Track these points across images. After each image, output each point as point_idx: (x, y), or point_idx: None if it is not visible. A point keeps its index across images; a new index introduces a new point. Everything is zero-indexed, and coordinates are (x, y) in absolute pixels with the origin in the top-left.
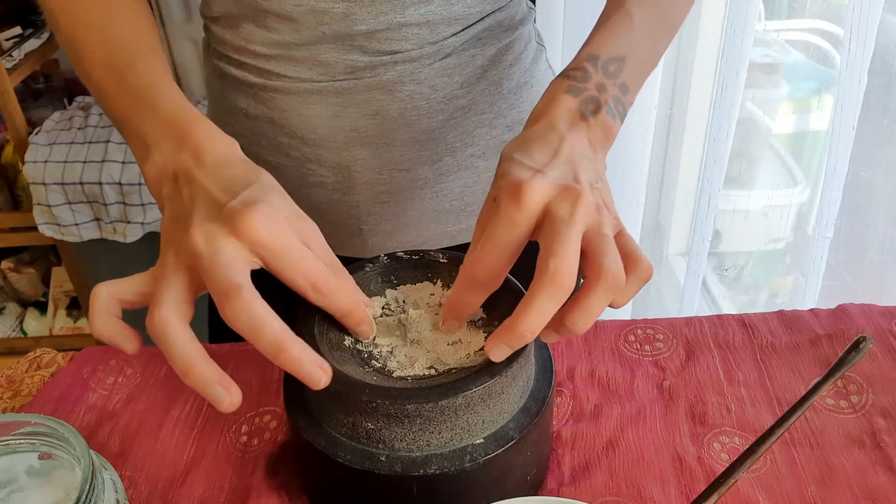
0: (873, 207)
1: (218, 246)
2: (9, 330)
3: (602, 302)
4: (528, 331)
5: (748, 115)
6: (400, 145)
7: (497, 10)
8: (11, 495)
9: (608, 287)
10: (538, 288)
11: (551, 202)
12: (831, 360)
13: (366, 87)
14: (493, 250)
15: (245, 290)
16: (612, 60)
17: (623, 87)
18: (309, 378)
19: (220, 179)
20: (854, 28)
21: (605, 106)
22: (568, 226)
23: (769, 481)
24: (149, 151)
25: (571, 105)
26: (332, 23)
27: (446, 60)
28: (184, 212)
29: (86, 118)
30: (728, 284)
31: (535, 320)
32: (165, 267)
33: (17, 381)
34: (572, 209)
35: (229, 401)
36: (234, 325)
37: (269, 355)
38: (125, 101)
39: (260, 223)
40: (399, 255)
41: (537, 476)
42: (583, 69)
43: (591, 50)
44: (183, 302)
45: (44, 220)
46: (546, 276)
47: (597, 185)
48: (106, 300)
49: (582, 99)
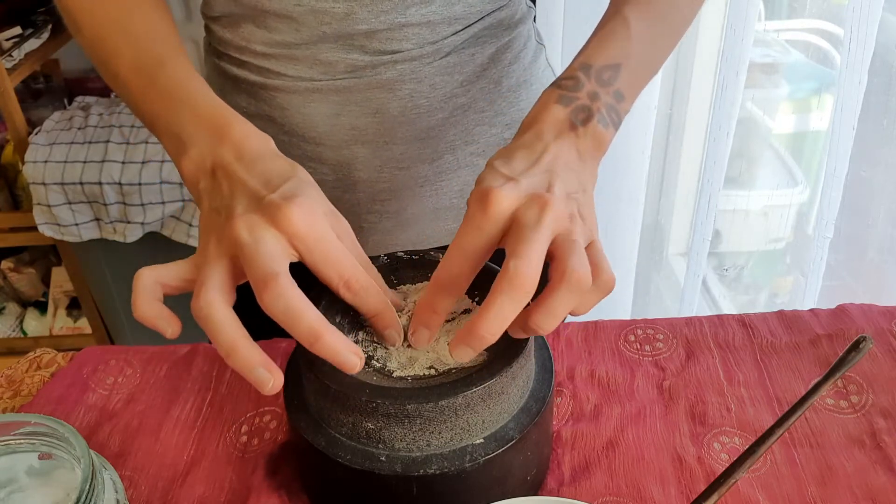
0: (873, 207)
1: (259, 236)
2: (9, 330)
3: (566, 303)
4: (489, 333)
5: (748, 115)
6: (400, 143)
7: (497, 10)
8: (11, 495)
9: (572, 288)
10: (498, 289)
11: (519, 209)
12: (831, 360)
13: (366, 86)
14: (458, 255)
15: (283, 279)
16: (606, 68)
17: (618, 95)
18: (345, 364)
19: (258, 173)
20: (854, 28)
21: (597, 114)
22: (533, 230)
23: (769, 481)
24: (185, 147)
25: (561, 115)
26: (332, 22)
27: (446, 59)
28: (224, 203)
29: (86, 118)
30: (728, 284)
31: (495, 322)
32: (208, 254)
33: (17, 381)
34: (539, 216)
35: (273, 384)
36: (272, 313)
37: (305, 343)
38: (157, 100)
39: (299, 216)
40: (399, 255)
41: (537, 476)
42: (574, 78)
43: (584, 59)
44: (226, 286)
45: (44, 220)
46: (506, 278)
47: (575, 196)
48: (150, 284)
49: (572, 108)
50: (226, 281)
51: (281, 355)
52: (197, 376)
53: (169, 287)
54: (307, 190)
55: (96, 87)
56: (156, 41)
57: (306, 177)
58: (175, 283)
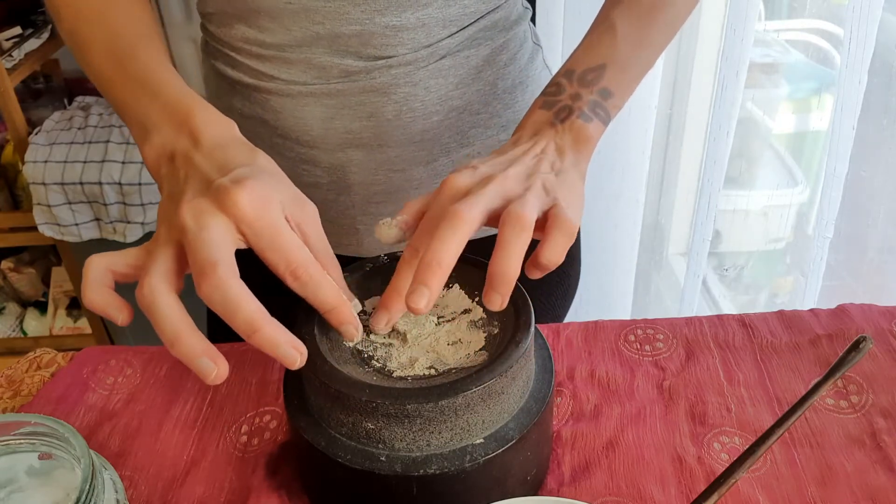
0: (873, 207)
1: (204, 222)
2: (9, 330)
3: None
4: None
5: (748, 115)
6: (395, 146)
7: (492, 11)
8: (11, 495)
9: (514, 225)
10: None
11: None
12: (831, 360)
13: (360, 90)
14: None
15: (221, 268)
16: (590, 70)
17: (604, 92)
18: (284, 358)
19: (215, 159)
20: (854, 28)
21: (578, 112)
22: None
23: (769, 481)
24: (148, 134)
25: (542, 117)
26: (325, 22)
27: (441, 62)
28: (178, 189)
29: (86, 118)
30: (728, 284)
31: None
32: (157, 241)
33: (17, 381)
34: (484, 187)
35: (216, 373)
36: (209, 303)
37: (243, 335)
38: (126, 87)
39: (246, 200)
40: (399, 255)
41: (537, 476)
42: (557, 84)
43: (568, 66)
44: (172, 273)
45: (44, 220)
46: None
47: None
48: (99, 271)
49: (555, 110)
50: (171, 268)
51: None
52: (197, 376)
53: (118, 274)
54: (260, 174)
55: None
56: (130, 30)
57: (266, 161)
58: (124, 269)
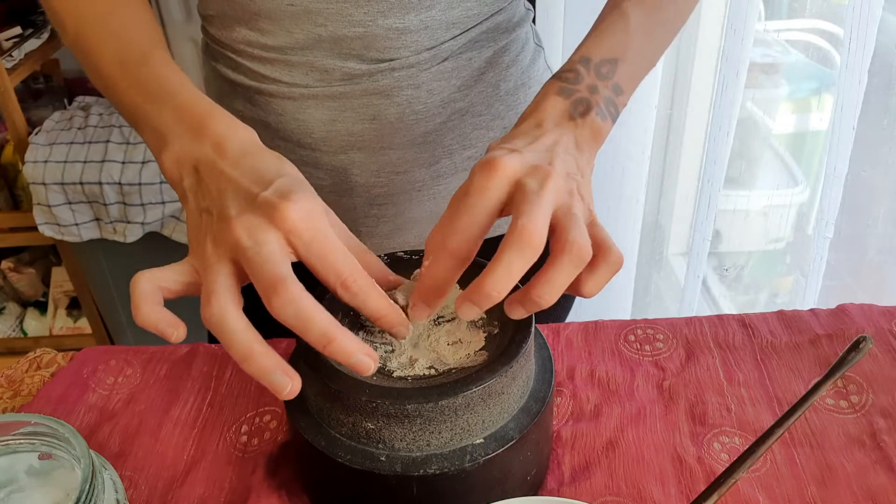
0: (873, 207)
1: (260, 239)
2: (9, 330)
3: (567, 274)
4: (495, 290)
5: (748, 115)
6: (397, 149)
7: (495, 13)
8: (11, 495)
9: (573, 259)
10: (507, 246)
11: (522, 177)
12: (831, 360)
13: (363, 93)
14: (465, 217)
15: (290, 284)
16: (605, 62)
17: (616, 89)
18: (358, 366)
19: (247, 170)
20: (854, 28)
21: (595, 107)
22: (538, 195)
23: (769, 481)
24: (165, 142)
25: (560, 106)
26: (327, 24)
27: (444, 64)
28: (215, 203)
29: (86, 118)
30: (728, 284)
31: (503, 278)
32: (206, 258)
33: (17, 381)
34: (542, 183)
35: (291, 388)
36: (282, 318)
37: (317, 346)
38: (138, 94)
39: (296, 214)
40: (399, 255)
41: (537, 476)
42: (575, 71)
43: (583, 52)
44: (234, 291)
45: (44, 220)
46: (515, 234)
47: (574, 176)
48: (149, 288)
49: (572, 100)
50: (233, 285)
51: (281, 355)
52: (197, 376)
53: (169, 291)
54: (299, 186)
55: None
56: (138, 36)
57: (296, 172)
58: (175, 286)
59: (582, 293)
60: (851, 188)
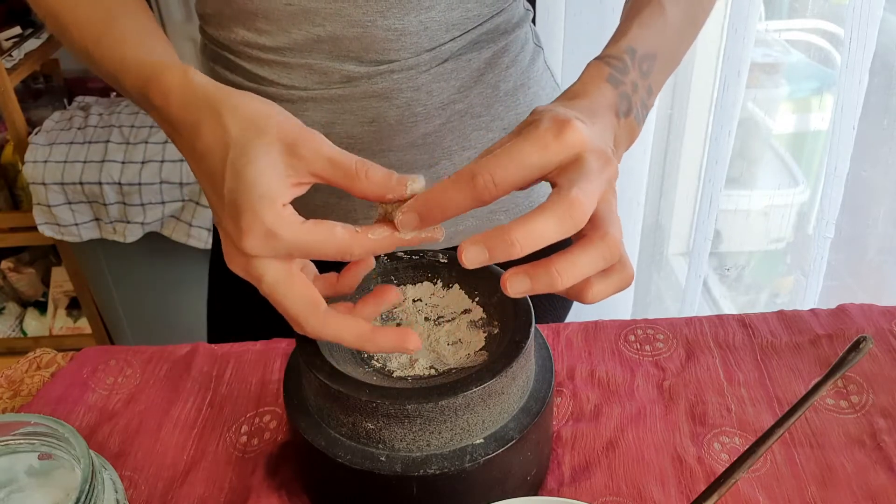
0: (874, 207)
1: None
2: (9, 330)
3: (593, 264)
4: (520, 242)
5: (749, 115)
6: (396, 150)
7: (495, 15)
8: (11, 495)
9: (606, 251)
10: (549, 209)
11: (586, 152)
12: (831, 360)
13: (362, 95)
14: (510, 160)
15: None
16: (646, 58)
17: (649, 90)
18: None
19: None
20: (854, 28)
21: (635, 109)
22: (596, 175)
23: (769, 481)
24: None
25: (610, 97)
26: (325, 24)
27: (443, 66)
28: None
29: (86, 118)
30: (729, 284)
31: (533, 236)
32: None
33: (17, 381)
34: (603, 167)
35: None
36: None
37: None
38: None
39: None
40: (399, 255)
41: (537, 476)
42: (622, 60)
43: (630, 41)
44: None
45: (44, 220)
46: (563, 202)
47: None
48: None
49: (620, 92)
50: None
51: (281, 355)
52: (197, 376)
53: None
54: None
55: (96, 87)
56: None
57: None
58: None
59: (585, 298)
60: (852, 188)
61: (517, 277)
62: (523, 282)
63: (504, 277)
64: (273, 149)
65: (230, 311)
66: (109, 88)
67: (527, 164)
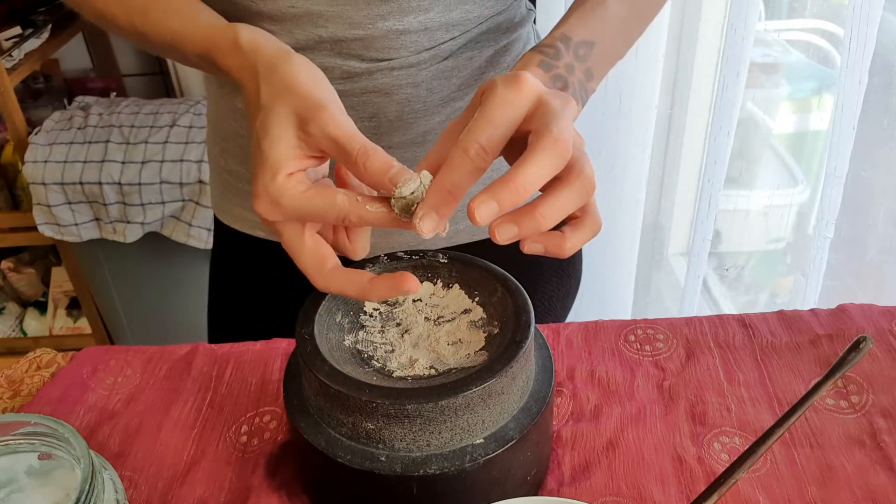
0: (874, 207)
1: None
2: (9, 330)
3: (572, 202)
4: (525, 184)
5: (748, 115)
6: (396, 147)
7: (496, 14)
8: (11, 495)
9: (582, 188)
10: (539, 149)
11: (546, 95)
12: (831, 360)
13: (362, 90)
14: (488, 125)
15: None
16: (583, 44)
17: (588, 73)
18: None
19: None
20: (854, 28)
21: (571, 87)
22: (563, 114)
23: (769, 481)
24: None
25: (541, 79)
26: (328, 26)
27: (443, 63)
28: None
29: (85, 118)
30: (728, 284)
31: (536, 176)
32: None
33: (17, 381)
34: (564, 104)
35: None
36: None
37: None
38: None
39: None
40: (399, 254)
41: (537, 476)
42: (555, 47)
43: (564, 30)
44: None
45: (44, 220)
46: (549, 140)
47: None
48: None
49: (552, 75)
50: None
51: (281, 355)
52: (197, 376)
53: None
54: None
55: (96, 87)
56: None
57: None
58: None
59: (563, 251)
60: (851, 188)
61: (504, 226)
62: (510, 229)
63: (492, 227)
64: (287, 120)
65: (230, 311)
66: (109, 88)
67: (501, 123)
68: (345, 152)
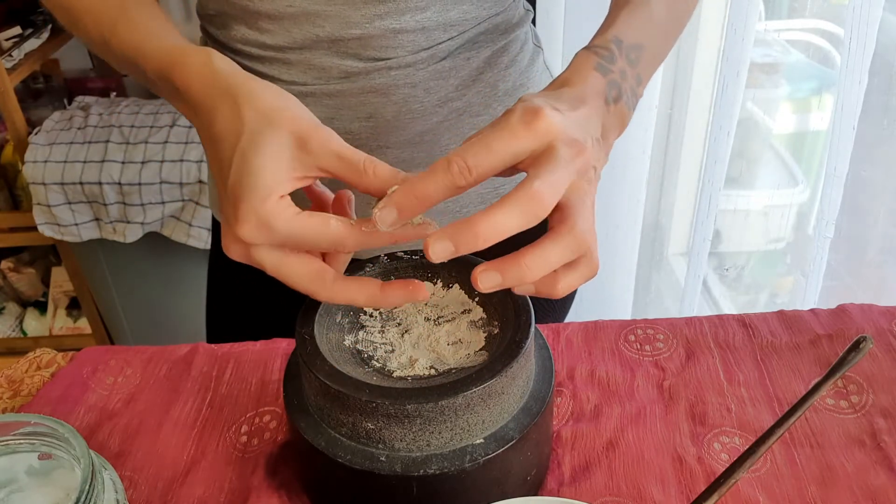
0: (874, 207)
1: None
2: (9, 330)
3: (561, 256)
4: (483, 234)
5: (748, 115)
6: (394, 147)
7: (494, 15)
8: (11, 495)
9: (572, 242)
10: (512, 201)
11: (557, 142)
12: (831, 360)
13: (360, 90)
14: (485, 151)
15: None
16: (633, 48)
17: (638, 79)
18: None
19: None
20: (854, 28)
21: (625, 95)
22: (564, 166)
23: (769, 481)
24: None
25: (599, 85)
26: (325, 25)
27: (441, 63)
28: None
29: (86, 118)
30: (728, 284)
31: (496, 228)
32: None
33: (17, 381)
34: (573, 157)
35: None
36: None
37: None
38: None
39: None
40: (399, 255)
41: (537, 476)
42: (609, 49)
43: (616, 31)
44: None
45: (44, 220)
46: (526, 193)
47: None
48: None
49: (608, 80)
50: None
51: (281, 355)
52: (197, 376)
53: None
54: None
55: (96, 87)
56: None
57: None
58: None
59: (555, 292)
60: (852, 188)
61: (487, 273)
62: (493, 277)
63: (474, 274)
64: (283, 141)
65: (230, 311)
66: (109, 88)
67: (497, 151)
68: (351, 164)
